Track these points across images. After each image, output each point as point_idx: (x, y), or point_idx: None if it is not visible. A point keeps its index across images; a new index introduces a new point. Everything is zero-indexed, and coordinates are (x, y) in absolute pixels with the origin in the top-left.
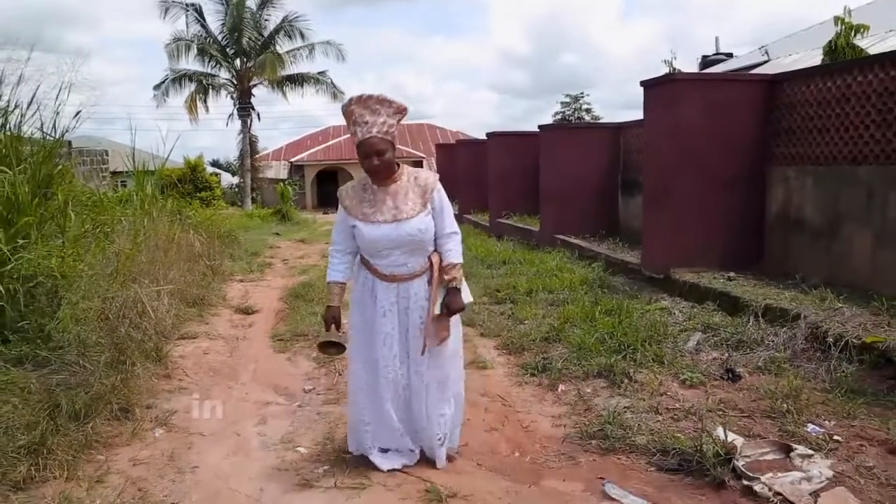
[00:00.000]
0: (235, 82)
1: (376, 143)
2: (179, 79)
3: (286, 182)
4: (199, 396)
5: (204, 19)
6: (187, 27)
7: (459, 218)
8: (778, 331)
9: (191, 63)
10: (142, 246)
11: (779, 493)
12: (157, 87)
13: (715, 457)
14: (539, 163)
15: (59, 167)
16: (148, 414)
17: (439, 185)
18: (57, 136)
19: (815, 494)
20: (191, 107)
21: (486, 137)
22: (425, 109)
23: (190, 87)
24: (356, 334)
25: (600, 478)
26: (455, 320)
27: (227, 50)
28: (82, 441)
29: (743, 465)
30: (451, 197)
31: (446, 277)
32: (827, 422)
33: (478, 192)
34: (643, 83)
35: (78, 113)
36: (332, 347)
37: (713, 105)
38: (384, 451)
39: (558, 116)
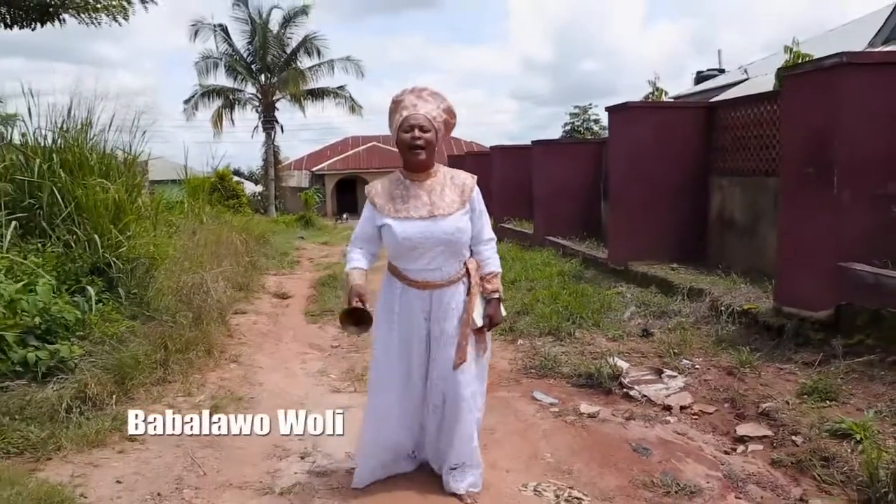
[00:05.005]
0: (260, 97)
1: (420, 118)
2: (208, 94)
3: (311, 190)
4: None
5: (230, 38)
6: (216, 46)
7: None
8: (693, 304)
9: (218, 79)
10: (200, 242)
11: (645, 395)
12: (186, 101)
13: (608, 376)
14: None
15: (138, 179)
16: (223, 356)
17: (477, 187)
18: (132, 153)
19: (668, 396)
20: (216, 121)
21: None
22: None
23: (217, 102)
24: (381, 349)
25: (532, 390)
26: (489, 334)
27: (252, 66)
28: (187, 364)
29: (627, 381)
30: None
31: (489, 287)
32: (697, 358)
33: (483, 199)
34: (607, 109)
35: (144, 132)
36: (355, 324)
37: (663, 127)
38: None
39: (567, 127)
